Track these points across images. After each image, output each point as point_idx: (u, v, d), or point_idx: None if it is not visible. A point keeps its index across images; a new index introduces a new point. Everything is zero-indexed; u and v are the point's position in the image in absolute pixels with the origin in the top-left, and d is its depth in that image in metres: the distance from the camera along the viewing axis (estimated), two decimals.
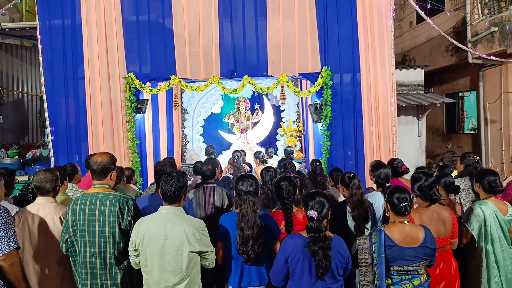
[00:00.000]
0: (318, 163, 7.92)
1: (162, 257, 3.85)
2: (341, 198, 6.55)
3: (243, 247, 4.17)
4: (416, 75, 13.84)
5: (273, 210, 5.12)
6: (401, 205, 3.97)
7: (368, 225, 5.10)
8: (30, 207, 4.51)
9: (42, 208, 4.49)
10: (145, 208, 4.87)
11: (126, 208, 4.20)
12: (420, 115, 13.52)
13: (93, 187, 4.31)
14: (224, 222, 4.49)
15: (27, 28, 11.35)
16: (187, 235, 3.83)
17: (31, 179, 4.73)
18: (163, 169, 5.46)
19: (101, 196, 4.18)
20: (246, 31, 9.52)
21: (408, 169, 6.88)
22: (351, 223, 5.14)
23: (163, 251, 3.84)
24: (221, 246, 4.48)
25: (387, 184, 5.51)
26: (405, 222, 4.02)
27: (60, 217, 4.47)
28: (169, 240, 3.83)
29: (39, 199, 4.55)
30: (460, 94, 16.19)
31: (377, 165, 5.72)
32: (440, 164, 13.38)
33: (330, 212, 4.01)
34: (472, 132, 15.81)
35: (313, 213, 3.79)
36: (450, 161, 14.20)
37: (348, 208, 5.21)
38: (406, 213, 4.00)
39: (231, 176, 8.78)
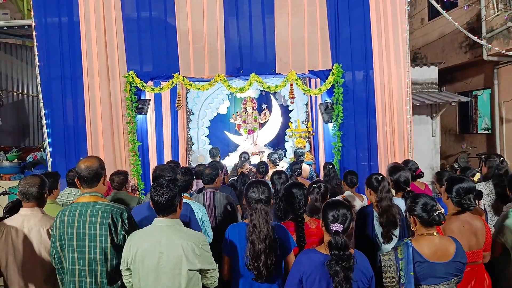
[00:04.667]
0: (331, 166, 7.52)
1: (157, 277, 3.38)
2: (357, 204, 6.15)
3: (253, 262, 3.69)
4: (430, 73, 13.32)
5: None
6: (433, 214, 3.48)
7: (396, 232, 4.63)
8: (13, 219, 4.07)
9: (27, 220, 4.05)
10: (143, 220, 4.36)
11: (120, 221, 3.72)
12: (434, 114, 13.02)
13: (83, 196, 3.81)
14: (231, 233, 3.99)
15: (26, 27, 10.93)
16: (185, 251, 3.35)
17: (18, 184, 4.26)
18: (163, 174, 4.90)
19: (92, 207, 3.70)
20: (253, 29, 9.10)
21: (423, 173, 6.49)
22: (378, 229, 4.67)
23: (158, 270, 3.37)
24: (227, 261, 3.98)
25: (408, 189, 5.07)
26: (435, 233, 3.54)
27: (48, 230, 4.03)
28: (164, 258, 3.36)
29: (24, 210, 4.11)
30: (474, 92, 15.68)
31: (395, 168, 5.25)
32: (456, 166, 12.94)
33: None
34: (486, 132, 15.32)
35: (338, 227, 3.30)
36: (465, 162, 13.67)
37: (375, 213, 4.72)
38: (443, 222, 3.51)
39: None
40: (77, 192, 5.68)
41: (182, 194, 3.74)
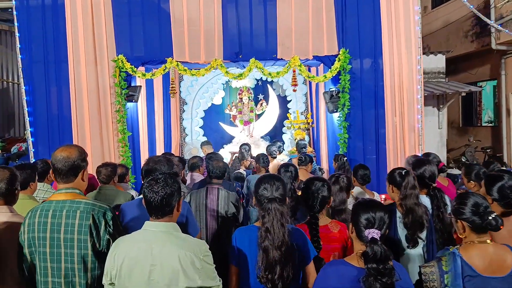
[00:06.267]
0: (345, 158, 6.99)
1: None
2: None
3: (267, 274, 3.02)
4: (437, 62, 12.78)
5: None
6: (489, 218, 2.85)
7: (423, 235, 4.00)
8: None
9: None
10: (133, 220, 3.75)
11: (103, 222, 3.07)
12: (441, 106, 12.48)
13: (58, 193, 3.15)
14: (240, 239, 3.32)
15: (10, 10, 10.25)
16: (182, 263, 2.68)
17: None
18: (156, 167, 4.09)
19: (68, 206, 3.04)
20: (253, 15, 8.52)
21: (446, 167, 5.89)
22: (402, 232, 4.04)
23: (149, 285, 2.71)
24: (235, 272, 3.31)
25: (433, 185, 4.43)
26: (488, 241, 2.90)
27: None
28: (157, 271, 2.70)
29: None
30: (478, 84, 15.10)
31: (419, 162, 4.62)
32: (463, 160, 12.44)
33: None
34: (490, 124, 14.80)
35: (375, 233, 2.64)
36: (472, 156, 13.13)
37: (398, 214, 4.08)
38: (501, 227, 2.88)
39: (244, 173, 7.77)
40: (42, 186, 5.11)
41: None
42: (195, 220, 4.16)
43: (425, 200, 4.35)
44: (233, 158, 9.67)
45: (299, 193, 4.29)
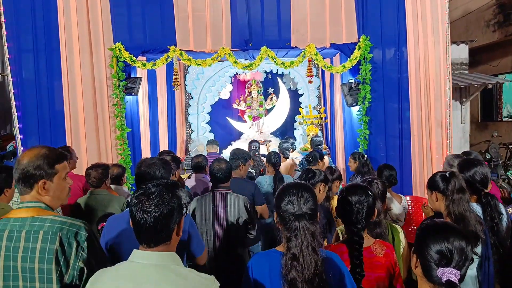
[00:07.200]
0: (365, 157, 6.47)
1: None
2: (395, 207, 4.91)
3: None
4: (459, 52, 12.10)
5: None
6: None
7: (478, 250, 3.22)
8: None
9: None
10: (121, 234, 2.99)
11: (74, 245, 2.32)
12: (464, 99, 11.79)
13: (18, 208, 2.40)
14: (257, 267, 2.52)
15: None
16: None
17: None
18: (150, 172, 3.29)
19: (29, 225, 2.31)
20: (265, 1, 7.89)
21: (489, 168, 5.17)
22: None
23: None
24: None
25: (485, 191, 3.70)
26: None
27: None
28: None
29: None
30: (499, 76, 14.44)
31: (468, 162, 3.89)
32: (488, 157, 11.79)
33: None
34: (510, 119, 14.15)
35: (453, 274, 1.88)
36: (496, 152, 12.40)
37: None
38: None
39: (253, 171, 7.12)
40: None
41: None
42: (199, 235, 3.39)
43: (476, 208, 3.64)
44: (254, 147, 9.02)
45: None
